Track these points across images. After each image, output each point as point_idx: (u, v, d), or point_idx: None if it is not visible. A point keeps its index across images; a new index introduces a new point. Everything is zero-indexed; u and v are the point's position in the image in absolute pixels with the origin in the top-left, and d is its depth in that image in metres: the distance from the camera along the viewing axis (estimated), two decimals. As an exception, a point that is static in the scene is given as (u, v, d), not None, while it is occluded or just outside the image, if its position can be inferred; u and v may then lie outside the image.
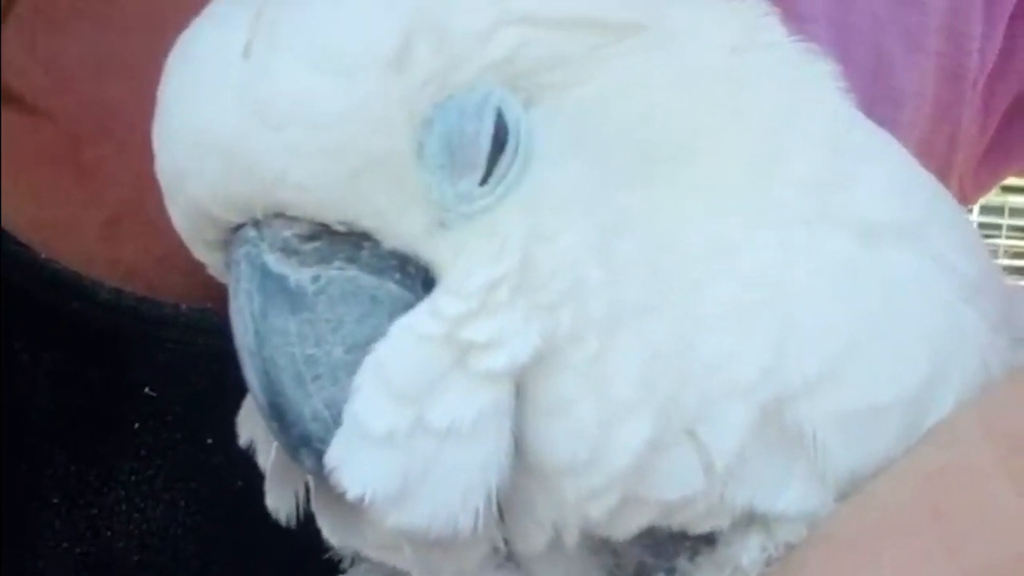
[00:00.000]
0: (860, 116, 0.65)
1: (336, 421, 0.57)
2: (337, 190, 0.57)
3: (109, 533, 0.86)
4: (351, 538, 0.60)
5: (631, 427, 0.56)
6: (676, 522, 0.58)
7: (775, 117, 0.61)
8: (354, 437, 0.56)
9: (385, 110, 0.56)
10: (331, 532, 0.60)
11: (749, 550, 0.59)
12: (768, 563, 0.59)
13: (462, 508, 0.56)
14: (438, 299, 0.57)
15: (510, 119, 0.58)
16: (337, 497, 0.57)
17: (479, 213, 0.58)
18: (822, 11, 0.91)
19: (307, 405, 0.58)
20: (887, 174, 0.63)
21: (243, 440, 0.64)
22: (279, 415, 0.58)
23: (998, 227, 3.84)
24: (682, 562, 0.60)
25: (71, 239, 0.85)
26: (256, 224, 0.58)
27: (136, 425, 0.85)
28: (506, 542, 0.60)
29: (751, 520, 0.58)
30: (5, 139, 0.81)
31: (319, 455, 0.57)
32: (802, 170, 0.60)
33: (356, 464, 0.56)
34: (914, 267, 0.61)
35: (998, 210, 3.79)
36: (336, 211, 0.57)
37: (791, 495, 0.58)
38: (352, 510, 0.57)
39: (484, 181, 0.58)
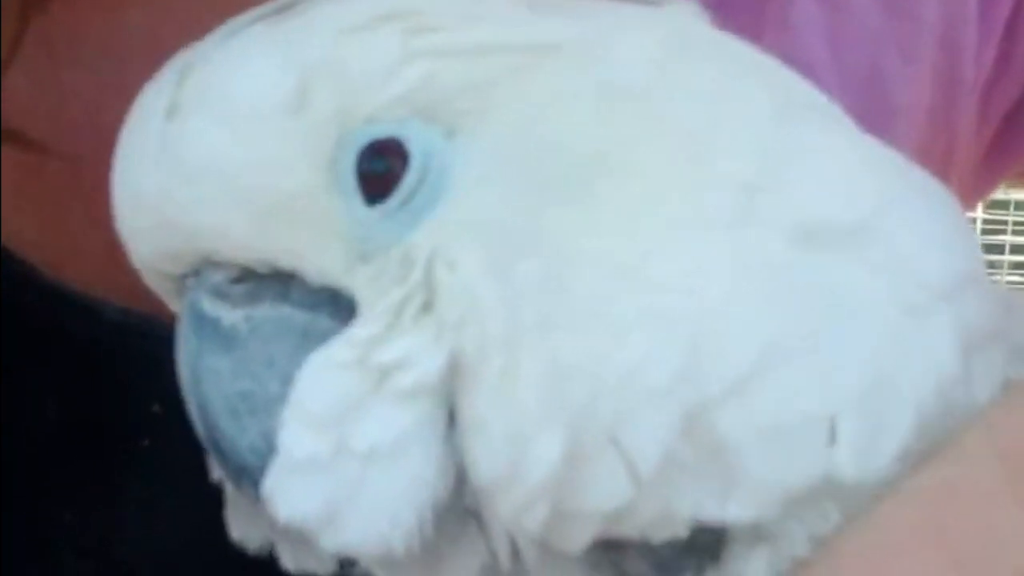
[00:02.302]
0: (806, 106, 0.64)
1: (272, 451, 0.59)
2: (250, 235, 0.60)
3: (120, 550, 0.87)
4: (307, 563, 0.62)
5: (543, 441, 0.56)
6: (625, 531, 0.58)
7: (696, 121, 0.60)
8: (282, 465, 0.58)
9: (284, 155, 0.59)
10: (288, 558, 0.62)
11: (755, 566, 0.59)
12: (773, 578, 0.60)
13: (392, 528, 0.57)
14: (352, 327, 0.60)
15: (415, 150, 0.60)
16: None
17: (392, 243, 0.60)
18: (815, 23, 0.91)
19: (243, 438, 0.60)
20: (831, 170, 0.61)
21: (215, 475, 0.66)
22: (217, 449, 0.62)
23: (1003, 223, 3.83)
24: (688, 577, 0.60)
25: (75, 261, 0.86)
26: (195, 273, 0.62)
27: (145, 443, 0.86)
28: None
29: (757, 535, 0.59)
30: (7, 162, 0.82)
31: (257, 484, 0.59)
32: (725, 172, 0.59)
33: (285, 491, 0.58)
34: (853, 273, 0.59)
35: (1003, 204, 3.78)
36: (254, 254, 0.61)
37: (738, 505, 0.57)
38: (305, 536, 0.59)
39: (390, 213, 0.60)
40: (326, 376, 0.59)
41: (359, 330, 0.59)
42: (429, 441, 0.58)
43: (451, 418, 0.59)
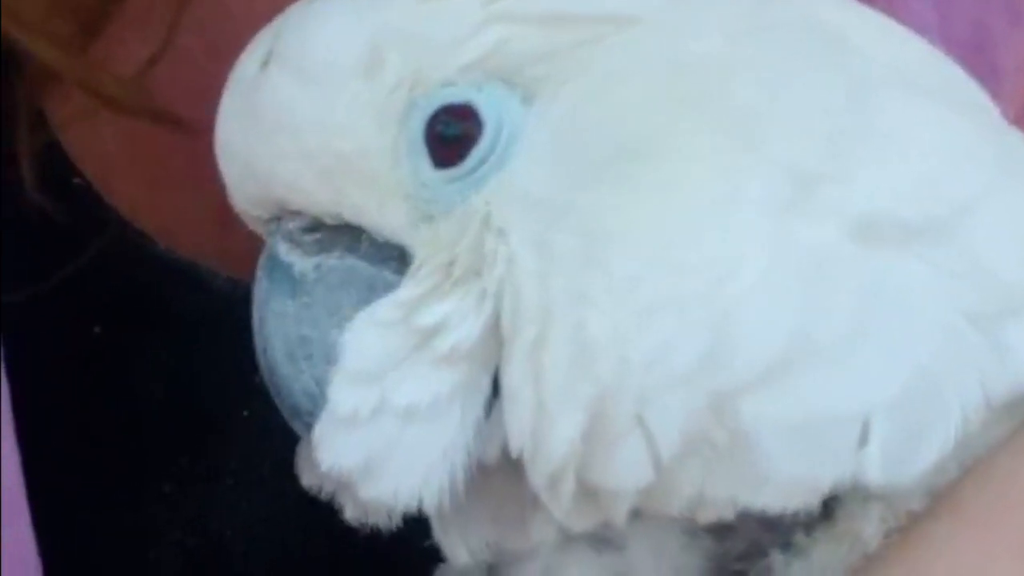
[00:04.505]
0: (902, 87, 0.61)
1: (324, 398, 0.61)
2: (318, 189, 0.62)
3: (217, 523, 0.88)
4: (368, 516, 0.62)
5: (565, 419, 0.57)
6: (665, 510, 0.58)
7: (759, 102, 0.59)
8: (328, 418, 0.60)
9: (354, 115, 0.61)
10: (349, 510, 0.63)
11: (869, 522, 0.59)
12: (888, 534, 0.59)
13: (424, 485, 0.59)
14: (401, 287, 0.61)
15: (487, 114, 0.60)
16: None
17: (457, 205, 0.60)
18: (924, -12, 0.90)
19: (297, 382, 0.63)
20: (910, 162, 0.59)
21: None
22: (275, 389, 0.64)
23: None
24: (799, 537, 0.60)
25: (185, 226, 0.87)
26: (277, 219, 0.64)
27: (245, 413, 0.87)
28: None
29: (869, 491, 0.58)
30: (120, 130, 0.83)
31: (309, 427, 0.62)
32: (780, 157, 0.58)
33: (330, 442, 0.60)
34: (914, 273, 0.57)
35: None
36: (323, 207, 0.62)
37: (771, 496, 0.57)
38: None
39: (460, 176, 0.61)
40: (370, 334, 0.60)
41: (405, 291, 0.60)
42: (467, 405, 0.59)
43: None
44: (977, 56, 0.89)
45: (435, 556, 0.66)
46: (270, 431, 0.85)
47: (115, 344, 0.87)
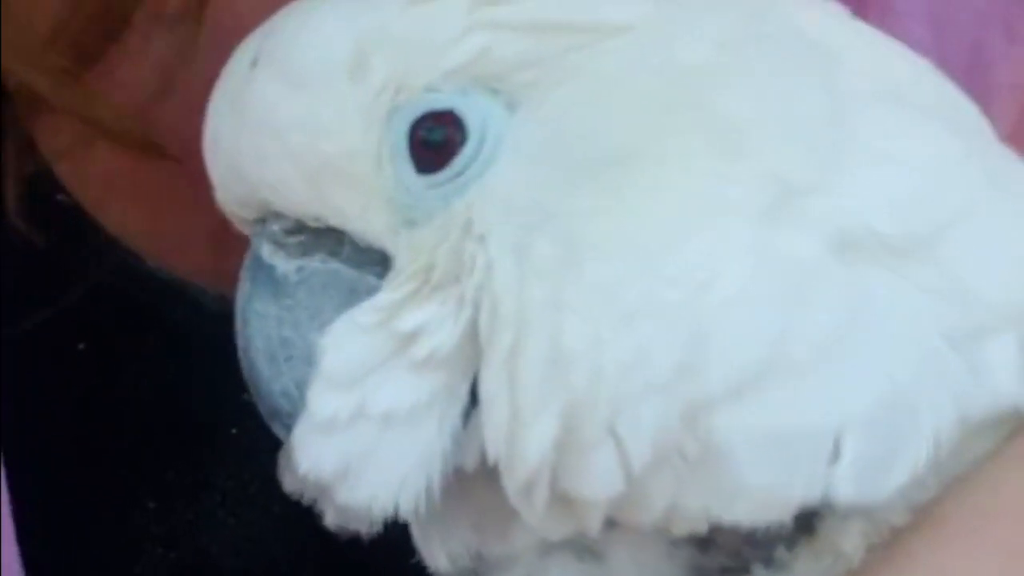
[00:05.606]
0: (889, 104, 0.61)
1: (303, 400, 0.61)
2: (301, 192, 0.62)
3: (204, 538, 0.88)
4: (350, 522, 0.61)
5: (538, 426, 0.56)
6: (639, 521, 0.58)
7: (746, 113, 0.59)
8: (307, 422, 0.60)
9: (338, 117, 0.61)
10: (330, 516, 0.62)
11: (850, 537, 0.58)
12: (871, 550, 0.58)
13: (401, 491, 0.58)
14: (380, 291, 0.61)
15: (471, 120, 0.60)
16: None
17: (439, 210, 0.60)
18: (919, 7, 0.90)
19: (277, 383, 0.62)
20: (894, 180, 0.58)
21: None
22: (255, 390, 0.64)
23: None
24: (780, 551, 0.59)
25: (179, 247, 0.87)
26: (262, 221, 0.64)
27: (233, 431, 0.87)
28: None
29: (843, 507, 0.57)
30: (112, 150, 0.84)
31: (288, 429, 0.61)
32: (764, 168, 0.57)
33: (307, 446, 0.60)
34: (893, 289, 0.57)
35: None
36: (306, 209, 0.62)
37: (743, 510, 0.56)
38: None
39: (442, 183, 0.60)
40: (349, 338, 0.60)
41: (384, 295, 0.60)
42: (445, 412, 0.58)
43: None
44: (971, 73, 0.89)
45: (424, 573, 0.66)
46: (258, 449, 0.85)
47: (101, 360, 0.87)
